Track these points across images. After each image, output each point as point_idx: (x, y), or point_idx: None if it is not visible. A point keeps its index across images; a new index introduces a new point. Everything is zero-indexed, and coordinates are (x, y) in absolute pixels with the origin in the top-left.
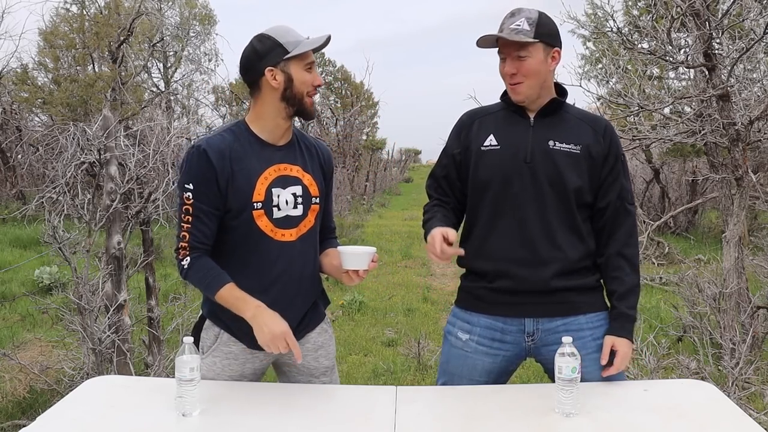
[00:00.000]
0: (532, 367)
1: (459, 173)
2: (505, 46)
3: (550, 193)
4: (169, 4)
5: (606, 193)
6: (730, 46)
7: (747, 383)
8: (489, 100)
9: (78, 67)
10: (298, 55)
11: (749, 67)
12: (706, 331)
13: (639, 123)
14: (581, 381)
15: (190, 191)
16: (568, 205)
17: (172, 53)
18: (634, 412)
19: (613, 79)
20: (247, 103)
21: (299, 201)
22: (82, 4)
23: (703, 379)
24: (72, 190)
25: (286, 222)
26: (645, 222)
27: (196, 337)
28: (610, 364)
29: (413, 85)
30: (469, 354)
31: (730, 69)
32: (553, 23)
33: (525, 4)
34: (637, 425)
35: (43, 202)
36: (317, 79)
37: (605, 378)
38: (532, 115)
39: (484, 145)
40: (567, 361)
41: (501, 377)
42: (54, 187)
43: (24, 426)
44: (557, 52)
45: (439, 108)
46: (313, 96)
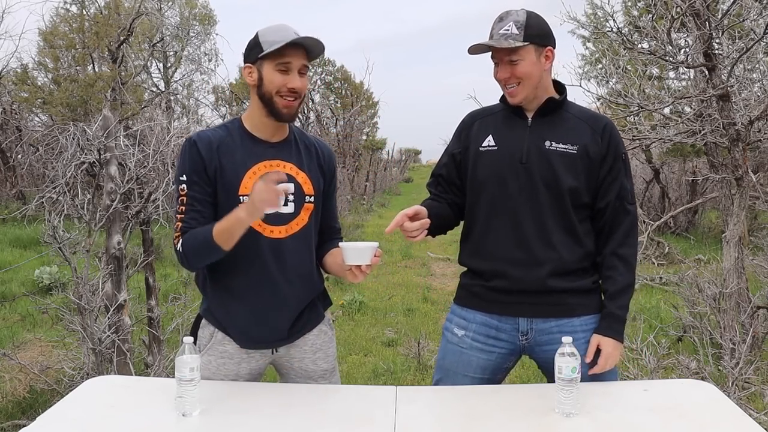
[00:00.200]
0: (532, 367)
1: (459, 172)
2: (497, 52)
3: (545, 194)
4: (169, 4)
5: (605, 193)
6: (730, 46)
7: (747, 383)
8: (489, 100)
9: (78, 67)
10: (270, 56)
11: (749, 67)
12: (706, 331)
13: (639, 123)
14: None
15: (184, 183)
16: (563, 205)
17: (172, 53)
18: (634, 412)
19: (613, 80)
20: (247, 103)
21: (290, 198)
22: (82, 4)
23: (703, 379)
24: (72, 190)
25: (275, 218)
26: (645, 222)
27: (194, 336)
28: (595, 363)
29: (413, 85)
30: (465, 350)
31: (730, 69)
32: (544, 22)
33: (525, 4)
34: (637, 425)
35: (43, 202)
36: (291, 81)
37: (596, 377)
38: (530, 116)
39: (483, 146)
40: (567, 361)
41: (496, 374)
42: (54, 187)
43: (24, 426)
44: (550, 50)
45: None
46: (288, 98)
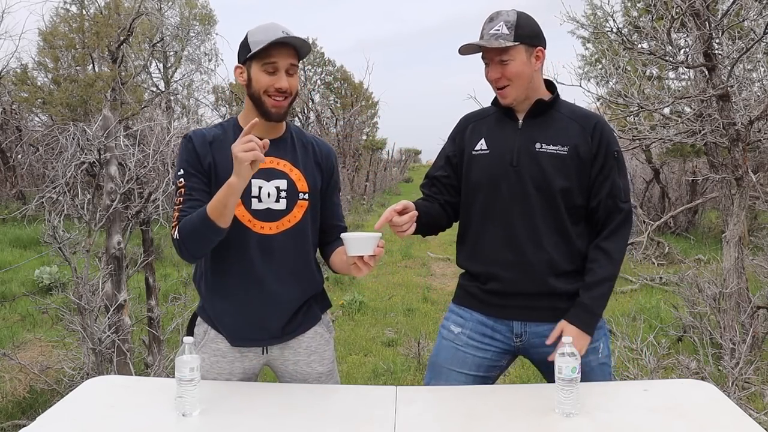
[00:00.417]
0: (532, 367)
1: (457, 174)
2: (487, 52)
3: (536, 196)
4: (169, 4)
5: (597, 192)
6: (730, 46)
7: (747, 383)
8: (489, 100)
9: (78, 67)
10: (257, 56)
11: (749, 67)
12: (706, 331)
13: (639, 123)
14: None
15: (182, 176)
16: (555, 207)
17: (172, 53)
18: (634, 412)
19: (613, 80)
20: None
21: (282, 195)
22: (81, 4)
23: (703, 379)
24: (72, 190)
25: (266, 214)
26: (645, 222)
27: (191, 335)
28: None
29: (413, 85)
30: (460, 347)
31: (730, 69)
32: (534, 22)
33: (525, 4)
34: (637, 425)
35: (43, 202)
36: (278, 81)
37: (588, 377)
38: (520, 117)
39: (475, 149)
40: (567, 361)
41: (490, 371)
42: (54, 187)
43: (24, 426)
44: (540, 50)
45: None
46: (277, 98)
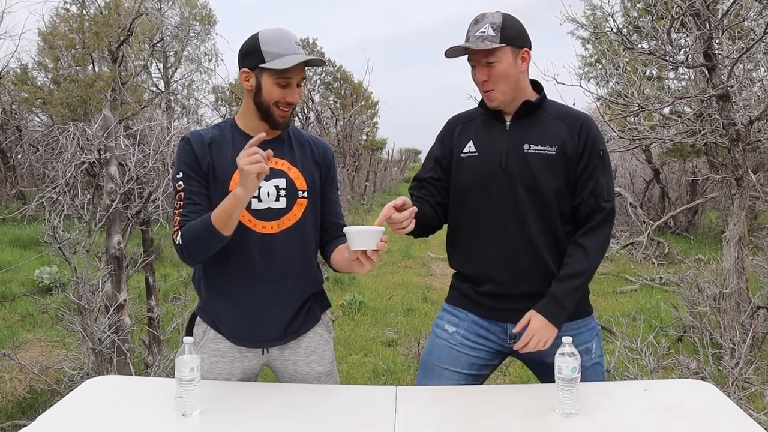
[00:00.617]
0: None
1: (447, 175)
2: (474, 54)
3: (526, 198)
4: (169, 4)
5: (581, 190)
6: (730, 46)
7: (747, 383)
8: None
9: (78, 67)
10: (273, 69)
11: (749, 67)
12: (706, 331)
13: (639, 123)
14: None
15: (180, 179)
16: (545, 208)
17: (172, 53)
18: (634, 412)
19: (613, 80)
20: None
21: (282, 194)
22: (82, 4)
23: (703, 379)
24: (72, 190)
25: (267, 214)
26: (645, 222)
27: (191, 335)
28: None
29: (413, 85)
30: (454, 346)
31: (730, 69)
32: (519, 24)
33: (525, 5)
34: (637, 425)
35: (43, 202)
36: (290, 96)
37: (584, 376)
38: (508, 119)
39: (464, 152)
40: (567, 361)
41: (483, 370)
42: (54, 187)
43: (24, 426)
44: (526, 52)
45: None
46: (285, 108)
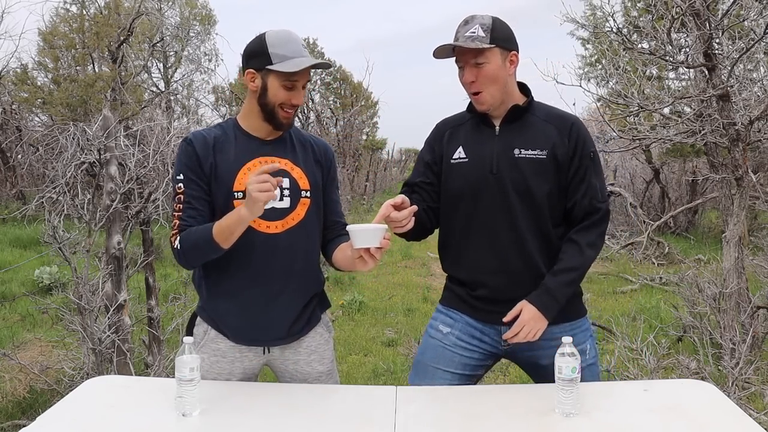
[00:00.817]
0: None
1: (438, 180)
2: (462, 54)
3: (518, 202)
4: (169, 4)
5: (573, 193)
6: (730, 46)
7: (747, 383)
8: None
9: (78, 67)
10: (280, 71)
11: (749, 67)
12: (706, 331)
13: (639, 123)
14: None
15: (181, 181)
16: (537, 212)
17: (172, 53)
18: (634, 412)
19: (613, 80)
20: None
21: (285, 193)
22: (82, 4)
23: (703, 379)
24: (72, 190)
25: (271, 214)
26: (645, 222)
27: (191, 335)
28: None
29: (413, 85)
30: (448, 346)
31: (730, 69)
32: (508, 27)
33: (525, 5)
34: (637, 425)
35: (43, 202)
36: (295, 98)
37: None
38: (497, 123)
39: (454, 158)
40: (567, 361)
41: (476, 370)
42: (54, 187)
43: (24, 426)
44: (515, 55)
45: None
46: (290, 110)
